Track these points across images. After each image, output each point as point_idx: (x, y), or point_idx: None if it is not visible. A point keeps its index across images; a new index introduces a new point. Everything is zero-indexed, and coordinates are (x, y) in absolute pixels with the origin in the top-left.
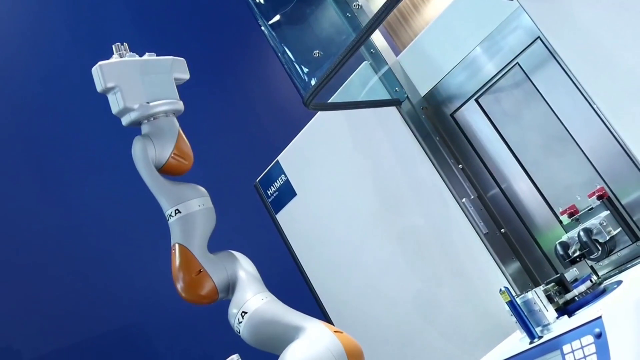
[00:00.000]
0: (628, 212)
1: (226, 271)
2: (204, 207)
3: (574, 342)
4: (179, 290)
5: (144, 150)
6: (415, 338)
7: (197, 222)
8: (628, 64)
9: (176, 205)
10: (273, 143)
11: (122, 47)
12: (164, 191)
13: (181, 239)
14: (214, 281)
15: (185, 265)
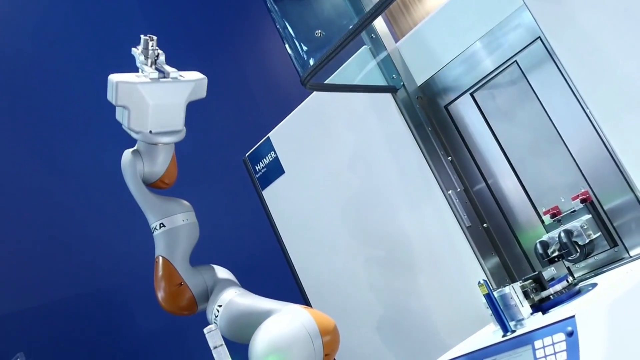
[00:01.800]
0: (609, 217)
1: (205, 283)
2: (188, 221)
3: (546, 338)
4: (160, 301)
5: (133, 166)
6: (390, 323)
7: (180, 236)
8: (624, 72)
9: (161, 219)
10: (264, 119)
11: (149, 42)
12: (149, 204)
13: (164, 252)
14: (193, 293)
15: (166, 277)
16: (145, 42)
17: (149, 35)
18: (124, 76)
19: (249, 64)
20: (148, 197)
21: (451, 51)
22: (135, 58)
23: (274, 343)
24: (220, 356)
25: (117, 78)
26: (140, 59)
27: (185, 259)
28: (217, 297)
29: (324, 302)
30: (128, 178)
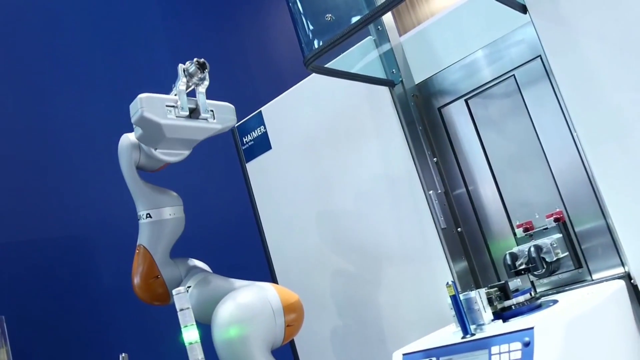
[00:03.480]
0: (578, 239)
1: (181, 276)
2: (174, 216)
3: (503, 345)
4: (135, 287)
5: (129, 154)
6: (352, 311)
7: (165, 229)
8: (615, 102)
9: (149, 210)
10: (257, 93)
11: (199, 71)
12: (140, 192)
13: (147, 242)
14: (168, 287)
15: (144, 269)
16: (196, 68)
17: (204, 61)
18: (153, 103)
19: (249, 36)
20: (139, 185)
21: (453, 55)
22: (178, 75)
23: (236, 314)
24: (185, 318)
25: (146, 109)
26: (180, 86)
27: (166, 252)
28: (188, 280)
29: (290, 281)
30: (123, 163)
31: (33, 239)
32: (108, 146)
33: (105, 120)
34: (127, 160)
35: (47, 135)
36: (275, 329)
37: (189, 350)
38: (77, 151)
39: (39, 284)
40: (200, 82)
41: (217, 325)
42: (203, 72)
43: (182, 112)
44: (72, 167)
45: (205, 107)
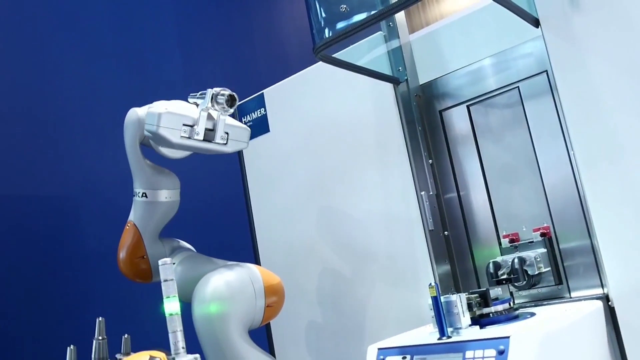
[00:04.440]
0: (562, 256)
1: (166, 256)
2: (169, 199)
3: (478, 351)
4: (120, 263)
5: (135, 131)
6: (330, 302)
7: (158, 211)
8: (615, 125)
9: (146, 190)
10: (259, 76)
11: (226, 105)
12: (139, 170)
13: (138, 220)
14: (152, 267)
15: (132, 247)
16: (225, 101)
17: (235, 96)
18: (171, 122)
19: (257, 18)
20: (140, 163)
21: (460, 60)
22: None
23: (218, 291)
24: (168, 289)
25: (163, 127)
26: (203, 112)
27: (156, 233)
28: (173, 258)
29: (273, 266)
30: (127, 137)
31: (19, 194)
32: (108, 112)
33: (107, 86)
34: (132, 136)
35: (47, 92)
36: (255, 309)
37: (169, 321)
38: (76, 112)
39: (19, 240)
40: (224, 111)
41: (198, 301)
42: (231, 107)
43: (198, 137)
44: (69, 126)
45: (221, 133)
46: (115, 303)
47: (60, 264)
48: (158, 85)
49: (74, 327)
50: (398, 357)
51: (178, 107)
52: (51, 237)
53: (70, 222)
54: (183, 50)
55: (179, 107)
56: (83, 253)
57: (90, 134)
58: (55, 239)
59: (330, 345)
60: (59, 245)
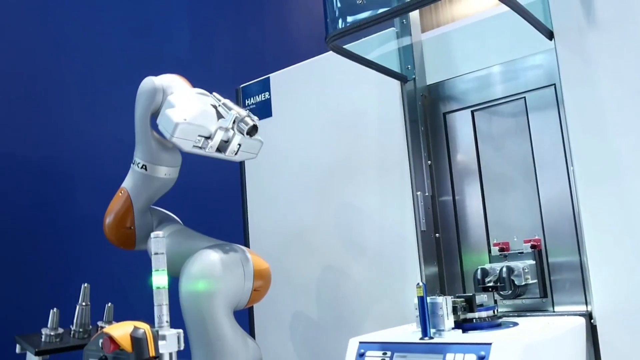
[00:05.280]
0: (549, 270)
1: (152, 226)
2: (168, 177)
3: (458, 354)
4: (105, 227)
5: (149, 101)
6: (316, 292)
7: (154, 185)
8: (617, 146)
9: (146, 162)
10: (266, 59)
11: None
12: (145, 141)
13: (132, 190)
14: (137, 237)
15: (121, 215)
16: (245, 130)
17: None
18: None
19: (270, 1)
20: (147, 134)
21: (469, 65)
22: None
23: (208, 269)
24: (158, 263)
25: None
26: (220, 130)
27: (147, 205)
28: (162, 230)
29: (262, 251)
30: (139, 106)
31: (8, 152)
32: (110, 78)
33: (110, 52)
34: (144, 106)
35: (48, 52)
36: (242, 291)
37: (156, 294)
38: (77, 74)
39: (5, 200)
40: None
41: (186, 277)
42: (250, 135)
43: (210, 149)
44: (67, 89)
45: (234, 148)
46: (102, 271)
47: (48, 227)
48: (162, 56)
49: (58, 291)
50: (379, 352)
51: (196, 113)
52: (40, 199)
53: (61, 185)
54: (192, 24)
55: (197, 113)
56: (73, 217)
57: (89, 98)
58: (44, 201)
59: (311, 334)
60: (49, 208)
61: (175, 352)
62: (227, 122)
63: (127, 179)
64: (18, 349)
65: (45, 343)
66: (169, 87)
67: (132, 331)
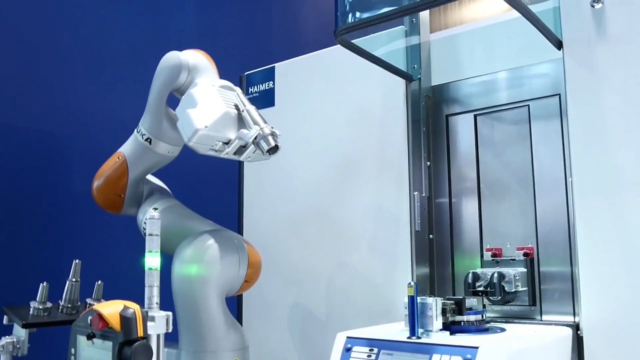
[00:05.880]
0: (540, 279)
1: (143, 193)
2: (169, 154)
3: (444, 356)
4: (94, 188)
5: (172, 77)
6: (308, 284)
7: (154, 159)
8: (618, 161)
9: (151, 136)
10: (271, 49)
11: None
12: (155, 115)
13: (130, 158)
14: (125, 204)
15: (115, 181)
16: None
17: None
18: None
19: None
20: (160, 110)
21: (476, 69)
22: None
23: (207, 254)
24: (151, 244)
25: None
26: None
27: (142, 176)
28: (155, 201)
29: (255, 237)
30: (158, 81)
31: (10, 123)
32: (112, 54)
33: (113, 26)
34: (164, 81)
35: (49, 23)
36: (235, 280)
37: (147, 275)
38: (78, 48)
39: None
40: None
41: (180, 260)
42: (270, 154)
43: (226, 155)
44: (67, 62)
45: (249, 155)
46: (94, 248)
47: (44, 200)
48: (167, 34)
49: (49, 265)
50: (365, 348)
51: (218, 116)
52: (38, 173)
53: (59, 160)
54: (199, 6)
55: (219, 116)
56: (69, 193)
57: (92, 76)
58: (42, 175)
59: (299, 326)
60: (46, 182)
61: (163, 334)
62: (248, 137)
63: (127, 145)
64: (6, 320)
65: (33, 316)
66: (195, 69)
67: (121, 310)
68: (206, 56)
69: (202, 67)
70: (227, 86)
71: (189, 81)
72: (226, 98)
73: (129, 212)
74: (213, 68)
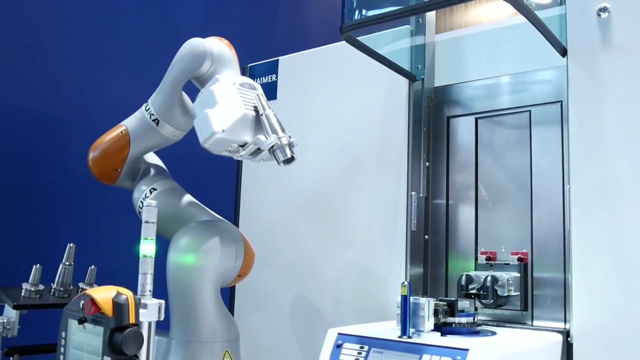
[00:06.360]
0: (533, 284)
1: (140, 169)
2: (175, 138)
3: (435, 356)
4: (91, 158)
5: (197, 63)
6: (301, 278)
7: (157, 140)
8: (617, 172)
9: (160, 117)
10: (273, 42)
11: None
12: (169, 99)
13: (134, 134)
14: (119, 178)
15: (114, 155)
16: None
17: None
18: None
19: None
20: (175, 95)
21: (479, 72)
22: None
23: (201, 243)
24: (147, 231)
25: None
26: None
27: (142, 154)
28: (154, 181)
29: (250, 228)
30: (179, 67)
31: (11, 103)
32: (116, 38)
33: (118, 11)
34: (185, 69)
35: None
36: (230, 272)
37: (142, 262)
38: (82, 30)
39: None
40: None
41: (179, 248)
42: (285, 164)
43: (239, 157)
44: (77, 48)
45: (263, 157)
46: (89, 233)
47: (42, 182)
48: (171, 21)
49: (43, 248)
50: (356, 345)
51: (236, 119)
52: (33, 154)
53: (56, 142)
54: None
55: (237, 119)
56: (67, 176)
57: (95, 61)
58: (37, 156)
59: (290, 320)
60: (42, 163)
61: (155, 322)
62: (265, 145)
63: (132, 121)
64: None
65: (25, 298)
66: (219, 60)
67: (114, 296)
68: (230, 46)
69: (226, 59)
70: (248, 84)
71: (212, 72)
72: (246, 98)
73: (123, 185)
74: (235, 60)
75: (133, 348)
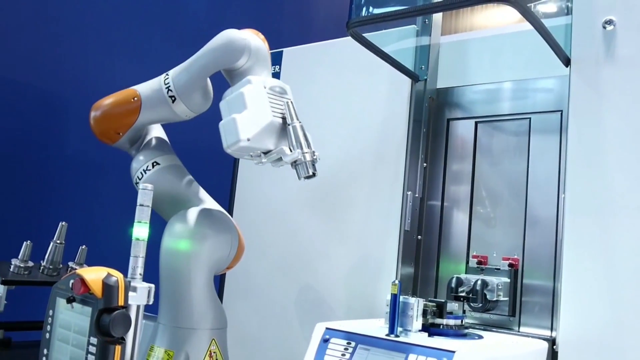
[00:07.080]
0: (522, 291)
1: (142, 136)
2: (185, 117)
3: (421, 356)
4: (93, 117)
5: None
6: (292, 270)
7: (167, 115)
8: (613, 185)
9: (178, 95)
10: (278, 34)
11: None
12: (193, 83)
13: (146, 103)
14: (120, 142)
15: (120, 118)
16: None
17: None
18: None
19: None
20: (202, 78)
21: (482, 76)
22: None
23: (196, 231)
24: (141, 215)
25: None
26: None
27: (149, 123)
28: (156, 155)
29: (244, 218)
30: (212, 57)
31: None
32: (120, 24)
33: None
34: (220, 59)
35: None
36: (222, 262)
37: (134, 245)
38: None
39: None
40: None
41: (174, 234)
42: (305, 180)
43: (261, 164)
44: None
45: (281, 165)
46: (82, 212)
47: (38, 159)
48: (175, 8)
49: (35, 225)
50: (343, 341)
51: (262, 127)
52: (29, 130)
53: (53, 119)
54: None
55: (263, 127)
56: (65, 154)
57: (97, 39)
58: (34, 132)
59: (279, 312)
60: (38, 140)
61: (143, 306)
62: (288, 159)
63: (146, 89)
64: None
65: (13, 274)
66: (255, 57)
67: (104, 277)
68: (265, 42)
69: (262, 57)
70: (279, 87)
71: (246, 68)
72: (275, 105)
73: (122, 147)
74: (269, 58)
75: (120, 330)
